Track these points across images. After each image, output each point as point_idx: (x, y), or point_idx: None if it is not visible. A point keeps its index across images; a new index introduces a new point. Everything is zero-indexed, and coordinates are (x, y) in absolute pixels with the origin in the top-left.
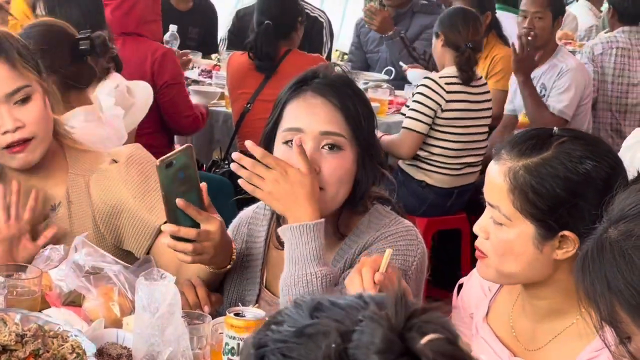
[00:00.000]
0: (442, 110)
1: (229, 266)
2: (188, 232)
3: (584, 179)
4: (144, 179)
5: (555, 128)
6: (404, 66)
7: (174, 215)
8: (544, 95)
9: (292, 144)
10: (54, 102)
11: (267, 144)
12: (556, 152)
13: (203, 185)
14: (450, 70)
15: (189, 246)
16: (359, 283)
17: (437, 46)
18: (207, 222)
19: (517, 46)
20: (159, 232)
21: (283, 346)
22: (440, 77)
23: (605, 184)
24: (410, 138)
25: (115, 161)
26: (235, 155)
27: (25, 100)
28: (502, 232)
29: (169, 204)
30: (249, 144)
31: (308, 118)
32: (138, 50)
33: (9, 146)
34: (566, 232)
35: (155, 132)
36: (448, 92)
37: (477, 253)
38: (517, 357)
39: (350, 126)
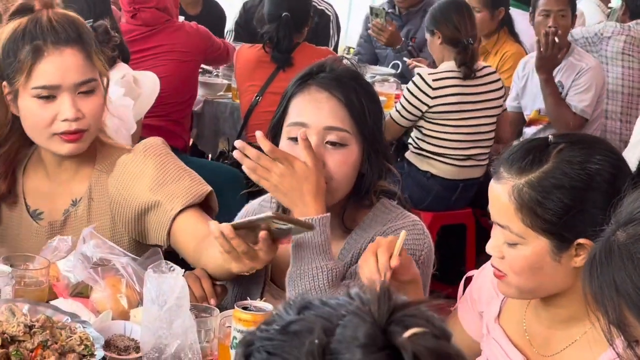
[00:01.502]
0: (430, 106)
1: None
2: (239, 245)
3: (589, 184)
4: (161, 170)
5: (550, 136)
6: (408, 61)
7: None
8: (561, 93)
9: (297, 140)
10: None
11: (273, 136)
12: (556, 162)
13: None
14: (446, 65)
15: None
16: (373, 264)
17: (434, 43)
18: (266, 254)
19: (542, 44)
20: (175, 217)
21: (268, 344)
22: (429, 74)
23: (610, 185)
24: (392, 127)
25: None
26: (238, 143)
27: (89, 92)
28: (517, 250)
29: (254, 228)
30: (259, 135)
31: (313, 113)
32: (184, 34)
33: (63, 132)
34: (581, 240)
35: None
36: (435, 89)
37: (494, 272)
38: None
39: (355, 121)
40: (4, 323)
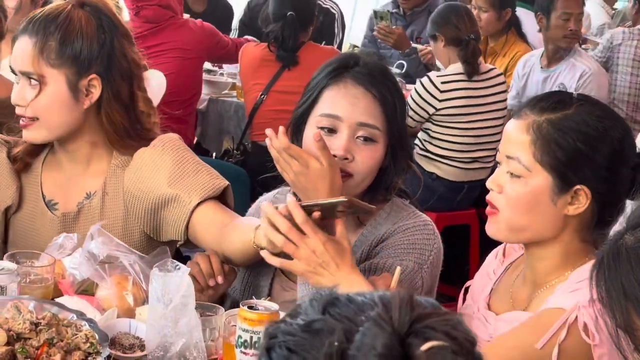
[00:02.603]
0: (438, 109)
1: None
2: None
3: (603, 135)
4: (179, 164)
5: (574, 92)
6: (420, 47)
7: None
8: None
9: (327, 130)
10: (110, 102)
11: (298, 125)
12: (578, 110)
13: None
14: (454, 67)
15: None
16: None
17: (438, 48)
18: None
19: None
20: (193, 210)
21: (290, 339)
22: (437, 76)
23: (618, 143)
24: None
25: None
26: (268, 131)
27: (36, 84)
28: (519, 184)
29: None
30: (281, 130)
31: (347, 107)
32: (187, 30)
33: (20, 119)
34: (580, 186)
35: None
36: (443, 92)
37: (487, 209)
38: (502, 314)
39: (386, 118)
40: (10, 320)
